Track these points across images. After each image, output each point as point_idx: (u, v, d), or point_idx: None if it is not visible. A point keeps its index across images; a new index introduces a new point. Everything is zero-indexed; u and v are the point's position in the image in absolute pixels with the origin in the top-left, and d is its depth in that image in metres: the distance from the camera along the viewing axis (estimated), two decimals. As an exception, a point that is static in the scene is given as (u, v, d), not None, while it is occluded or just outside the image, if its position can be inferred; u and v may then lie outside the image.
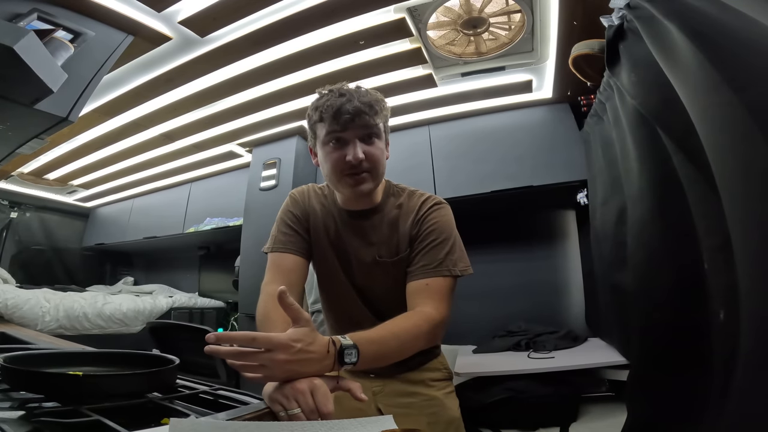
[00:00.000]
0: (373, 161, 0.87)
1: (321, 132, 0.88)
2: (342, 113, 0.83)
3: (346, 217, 0.96)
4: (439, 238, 0.89)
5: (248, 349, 0.59)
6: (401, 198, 0.97)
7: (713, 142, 0.68)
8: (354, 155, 0.84)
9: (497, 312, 2.27)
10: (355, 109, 0.83)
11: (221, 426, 0.50)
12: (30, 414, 0.51)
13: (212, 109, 2.27)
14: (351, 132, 0.85)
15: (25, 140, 1.52)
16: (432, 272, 0.86)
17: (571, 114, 2.19)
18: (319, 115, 0.87)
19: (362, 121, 0.84)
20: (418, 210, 0.94)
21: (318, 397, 0.59)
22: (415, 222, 0.92)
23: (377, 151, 0.88)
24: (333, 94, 0.87)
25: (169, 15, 1.53)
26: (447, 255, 0.87)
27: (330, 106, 0.84)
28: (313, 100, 0.91)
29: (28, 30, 1.07)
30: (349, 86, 0.89)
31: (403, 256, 0.91)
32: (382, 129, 0.90)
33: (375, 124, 0.87)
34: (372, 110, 0.85)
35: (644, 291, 1.12)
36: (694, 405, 0.85)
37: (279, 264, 0.91)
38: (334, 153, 0.86)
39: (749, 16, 0.64)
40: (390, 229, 0.94)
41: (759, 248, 0.57)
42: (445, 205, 0.96)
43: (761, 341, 0.56)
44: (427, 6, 1.56)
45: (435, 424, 0.94)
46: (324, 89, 0.90)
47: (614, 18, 1.19)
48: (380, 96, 0.90)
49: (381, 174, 0.91)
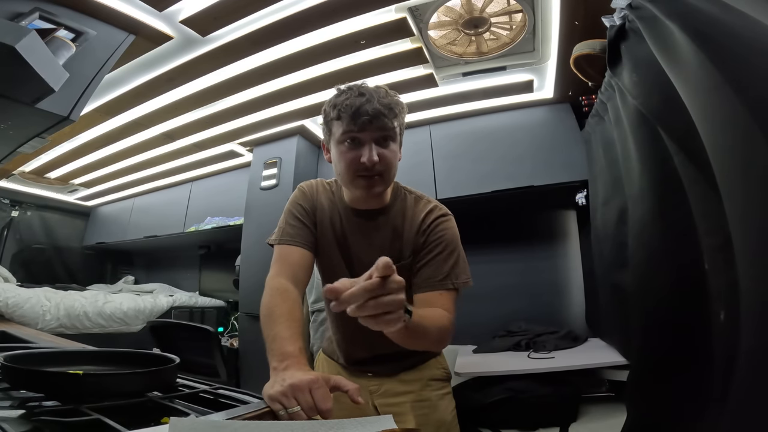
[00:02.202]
0: (387, 164, 0.86)
1: (337, 130, 0.87)
2: (361, 114, 0.82)
3: (351, 215, 0.95)
4: (445, 251, 0.89)
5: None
6: (407, 202, 0.97)
7: (714, 142, 0.68)
8: (369, 158, 0.83)
9: (497, 312, 2.27)
10: (375, 111, 0.82)
11: (221, 425, 0.50)
12: (30, 413, 0.51)
13: (213, 109, 2.27)
14: (368, 134, 0.84)
15: (26, 139, 1.52)
16: (438, 285, 0.86)
17: (572, 114, 2.19)
18: (337, 113, 0.85)
19: (380, 124, 0.83)
20: (423, 219, 0.93)
21: (317, 395, 0.60)
22: (421, 231, 0.92)
23: (391, 155, 0.87)
24: (353, 92, 0.85)
25: (170, 14, 1.53)
26: (452, 268, 0.88)
27: (349, 106, 0.83)
28: (332, 96, 0.89)
29: (29, 29, 1.07)
30: (369, 86, 0.87)
31: (405, 264, 0.91)
32: (398, 132, 0.89)
33: (392, 127, 0.86)
34: (391, 113, 0.84)
35: (644, 291, 1.12)
36: (694, 405, 0.85)
37: (285, 257, 0.89)
38: (349, 153, 0.85)
39: (751, 16, 0.63)
40: (393, 234, 0.94)
41: (759, 248, 0.57)
42: (451, 216, 0.96)
43: (761, 341, 0.56)
44: (428, 6, 1.56)
45: (424, 425, 0.95)
46: (342, 86, 0.89)
47: (616, 18, 1.19)
48: (399, 99, 0.89)
49: (393, 177, 0.91)
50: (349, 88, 0.87)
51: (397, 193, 0.98)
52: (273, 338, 0.73)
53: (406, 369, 1.00)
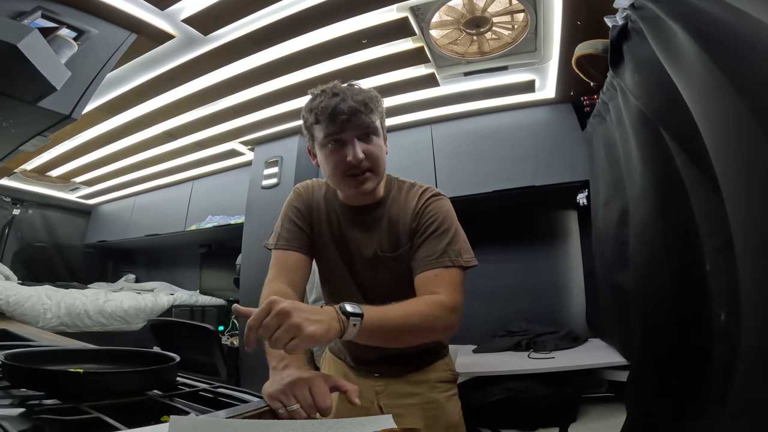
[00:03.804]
0: (374, 159, 0.86)
1: (318, 134, 0.87)
2: (337, 114, 0.82)
3: (347, 213, 0.95)
4: (439, 229, 0.87)
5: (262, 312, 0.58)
6: (402, 192, 0.96)
7: (716, 143, 0.68)
8: (354, 156, 0.83)
9: (498, 312, 2.27)
10: (351, 108, 0.82)
11: (221, 424, 0.51)
12: (30, 411, 0.51)
13: (214, 108, 2.27)
14: (349, 132, 0.84)
15: (28, 137, 1.52)
16: (435, 263, 0.84)
17: (573, 114, 2.18)
18: (315, 117, 0.85)
19: (359, 121, 0.83)
20: (416, 202, 0.92)
21: (316, 393, 0.60)
22: (415, 215, 0.91)
23: (376, 149, 0.87)
24: (326, 94, 0.85)
25: (172, 13, 1.53)
26: (448, 245, 0.85)
27: (325, 108, 0.83)
28: (306, 102, 0.90)
29: (32, 28, 1.07)
30: (341, 85, 0.87)
31: (404, 251, 0.90)
32: (379, 126, 0.89)
33: (372, 122, 0.85)
34: (367, 108, 0.84)
35: (645, 292, 1.12)
36: (694, 406, 0.85)
37: (282, 262, 0.90)
38: (334, 155, 0.85)
39: (754, 17, 0.63)
40: (390, 224, 0.93)
41: (760, 250, 0.57)
42: (444, 196, 0.95)
43: (762, 343, 0.56)
44: (429, 5, 1.56)
45: (433, 427, 0.94)
46: (316, 89, 0.89)
47: (618, 18, 1.18)
48: (374, 92, 0.89)
49: (382, 171, 0.91)
50: (323, 90, 0.87)
51: (390, 184, 0.98)
52: None
53: (414, 370, 0.99)
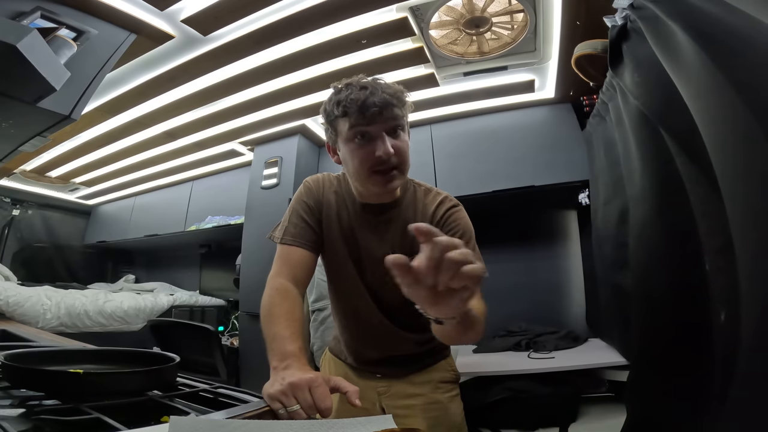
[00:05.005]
0: (402, 155, 0.83)
1: (343, 127, 0.83)
2: (368, 106, 0.78)
3: (360, 210, 0.93)
4: (464, 239, 0.86)
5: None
6: (417, 195, 0.95)
7: (716, 143, 0.68)
8: (384, 150, 0.79)
9: (498, 312, 2.26)
10: (383, 101, 0.79)
11: (221, 424, 0.51)
12: (30, 412, 0.51)
13: (214, 108, 2.27)
14: (378, 126, 0.80)
15: (27, 138, 1.52)
16: None
17: (573, 114, 2.19)
18: (343, 110, 0.81)
19: (390, 114, 0.80)
20: (435, 210, 0.91)
21: (316, 394, 0.60)
22: (435, 224, 0.89)
23: (404, 145, 0.84)
24: (353, 87, 0.82)
25: (172, 13, 1.53)
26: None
27: (354, 100, 0.79)
28: (331, 95, 0.86)
29: (31, 28, 1.07)
30: (368, 79, 0.84)
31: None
32: (406, 121, 0.86)
33: (402, 116, 0.83)
34: (400, 101, 0.82)
35: (645, 291, 1.12)
36: (694, 406, 0.85)
37: (287, 257, 0.88)
38: (361, 149, 0.82)
39: (753, 16, 0.63)
40: (405, 227, 0.92)
41: (760, 250, 0.57)
42: (462, 207, 0.94)
43: (762, 342, 0.56)
44: (429, 5, 1.56)
45: (435, 427, 0.94)
46: (339, 83, 0.86)
47: (617, 18, 1.18)
48: (402, 87, 0.86)
49: (408, 169, 0.88)
50: (349, 84, 0.84)
51: (407, 185, 0.95)
52: (273, 337, 0.72)
53: (416, 371, 0.99)
